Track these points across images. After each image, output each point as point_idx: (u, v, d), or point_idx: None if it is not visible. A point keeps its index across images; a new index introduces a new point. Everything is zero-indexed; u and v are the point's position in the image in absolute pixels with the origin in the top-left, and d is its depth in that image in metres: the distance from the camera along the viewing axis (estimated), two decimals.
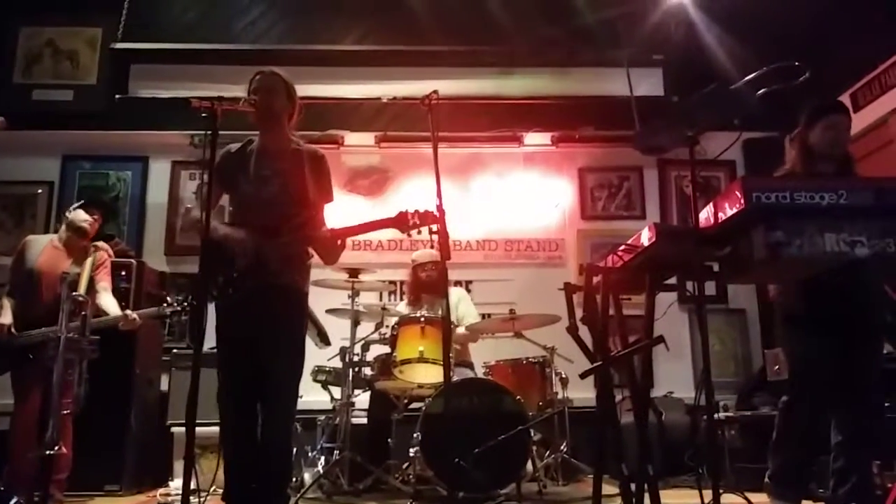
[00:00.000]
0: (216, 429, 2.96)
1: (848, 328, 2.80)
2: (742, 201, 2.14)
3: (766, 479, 2.95)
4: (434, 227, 2.62)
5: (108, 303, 3.83)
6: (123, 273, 4.65)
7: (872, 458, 2.95)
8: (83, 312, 3.21)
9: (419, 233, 2.68)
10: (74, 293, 3.15)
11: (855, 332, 2.82)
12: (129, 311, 3.77)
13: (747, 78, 2.34)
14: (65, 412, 3.00)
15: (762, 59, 2.46)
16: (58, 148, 5.89)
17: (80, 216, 3.96)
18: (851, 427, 2.85)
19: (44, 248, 3.92)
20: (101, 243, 4.19)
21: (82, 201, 4.10)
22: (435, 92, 2.64)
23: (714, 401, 3.70)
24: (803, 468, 3.00)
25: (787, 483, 2.92)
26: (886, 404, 3.50)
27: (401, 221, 2.67)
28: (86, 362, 3.17)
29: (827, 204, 2.12)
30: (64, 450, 2.98)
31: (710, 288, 5.75)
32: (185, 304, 3.55)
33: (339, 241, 2.87)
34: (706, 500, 2.20)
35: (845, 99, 5.23)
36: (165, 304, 3.65)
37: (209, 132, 2.37)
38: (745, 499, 2.60)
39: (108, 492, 4.19)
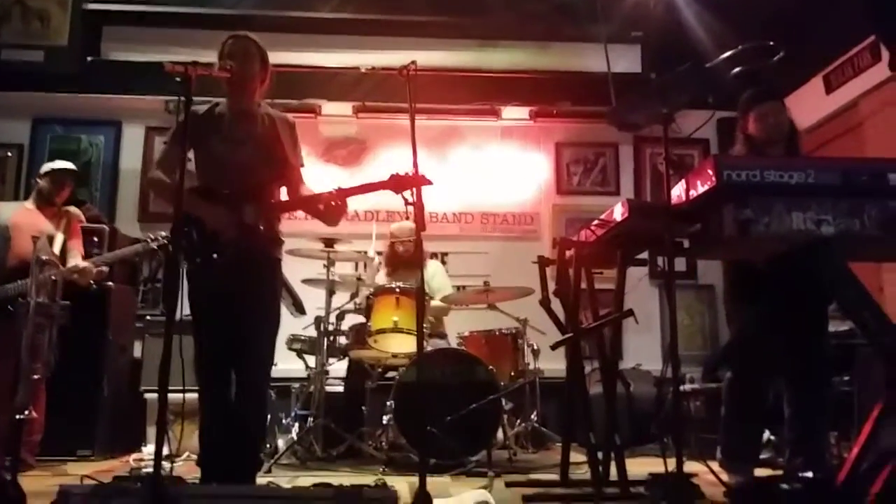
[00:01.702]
0: (190, 395, 2.96)
1: (791, 305, 2.87)
2: (714, 179, 2.19)
3: (719, 455, 3.05)
4: (411, 197, 2.63)
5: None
6: (96, 239, 4.59)
7: (826, 429, 3.06)
8: (53, 277, 3.18)
9: (412, 194, 2.68)
10: (43, 255, 3.11)
11: (800, 309, 2.89)
12: (82, 263, 3.72)
13: (721, 57, 2.38)
14: (35, 377, 2.98)
15: (739, 37, 2.49)
16: (28, 110, 5.78)
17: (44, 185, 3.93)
18: (801, 400, 2.96)
19: (15, 210, 3.89)
20: (72, 208, 4.15)
21: (50, 168, 4.05)
22: (413, 63, 2.62)
23: (681, 373, 3.81)
24: (752, 441, 3.11)
25: (738, 456, 3.02)
26: (846, 378, 3.63)
27: (394, 183, 2.67)
28: (56, 327, 3.14)
29: (795, 183, 2.18)
30: (34, 414, 2.97)
31: (681, 264, 5.90)
32: (167, 237, 3.50)
33: (339, 203, 2.85)
34: (669, 468, 2.28)
35: (818, 81, 5.31)
36: (149, 240, 3.60)
37: (183, 97, 2.34)
38: (707, 466, 2.69)
39: (81, 457, 4.19)
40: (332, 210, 2.84)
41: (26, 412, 2.83)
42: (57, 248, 3.56)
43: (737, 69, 2.41)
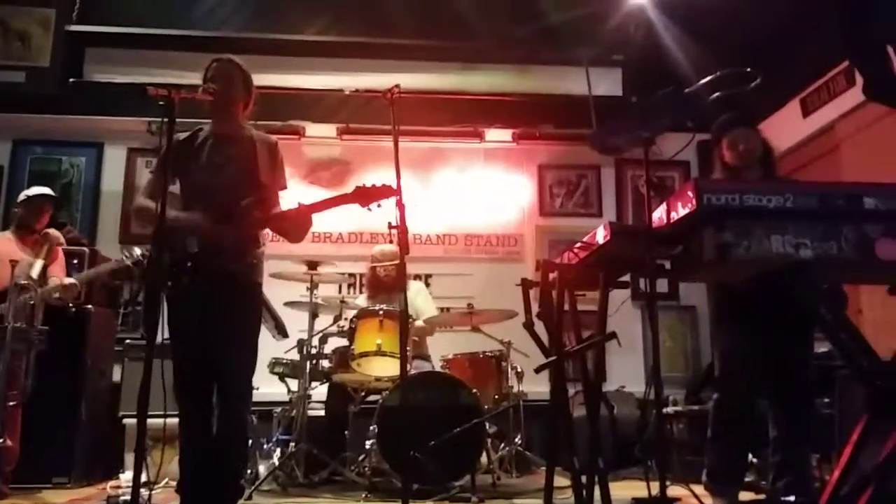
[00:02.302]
0: (169, 420, 2.92)
1: (775, 327, 2.89)
2: (694, 202, 2.20)
3: (704, 477, 3.05)
4: (394, 221, 2.62)
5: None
6: (76, 261, 4.54)
7: (810, 452, 3.07)
8: (31, 301, 3.14)
9: (379, 206, 2.68)
10: (21, 280, 3.07)
11: (783, 331, 2.91)
12: (65, 279, 3.69)
13: (701, 82, 2.41)
14: (11, 403, 2.93)
15: (718, 61, 2.54)
16: (8, 132, 5.74)
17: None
18: (786, 423, 2.97)
19: None
20: (52, 231, 4.11)
21: (26, 195, 4.02)
22: (397, 86, 2.65)
23: (664, 395, 3.80)
24: (737, 463, 3.10)
25: (723, 479, 3.02)
26: (827, 400, 3.65)
27: (359, 196, 2.67)
28: (34, 352, 3.09)
29: (774, 207, 2.19)
30: (9, 442, 2.91)
31: (663, 285, 5.89)
32: (143, 255, 3.49)
33: (302, 219, 2.84)
34: (653, 492, 2.27)
35: (795, 104, 5.39)
36: (125, 257, 3.58)
37: (166, 120, 2.33)
38: (690, 490, 2.69)
39: (57, 484, 4.09)
40: (296, 225, 2.83)
41: (1, 440, 2.77)
42: (35, 273, 3.51)
43: (716, 94, 2.44)
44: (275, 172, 2.92)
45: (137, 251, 3.58)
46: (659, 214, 2.43)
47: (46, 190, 4.08)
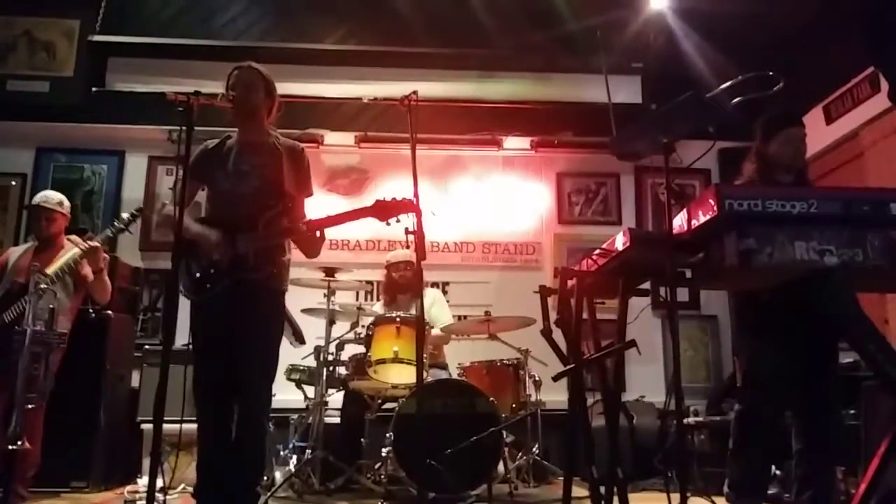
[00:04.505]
0: (187, 426, 2.93)
1: (800, 337, 2.84)
2: (715, 208, 2.17)
3: (726, 489, 2.99)
4: (411, 226, 2.62)
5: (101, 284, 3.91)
6: None
7: (834, 465, 3.00)
8: (51, 306, 3.16)
9: (398, 221, 2.67)
10: (39, 284, 3.10)
11: (808, 341, 2.86)
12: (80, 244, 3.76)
13: (722, 87, 2.38)
14: (30, 406, 2.94)
15: (740, 68, 2.51)
16: (32, 140, 5.80)
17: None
18: (810, 434, 2.91)
19: (20, 253, 3.95)
20: (73, 237, 4.15)
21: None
22: (414, 93, 2.64)
23: (684, 406, 3.75)
24: (760, 476, 3.04)
25: (746, 491, 2.96)
26: (853, 411, 3.58)
27: (378, 210, 2.66)
28: (52, 356, 3.12)
29: (798, 213, 2.16)
30: (28, 445, 2.92)
31: (684, 294, 5.87)
32: (136, 213, 3.54)
33: (318, 234, 2.85)
34: None
35: (818, 111, 5.33)
36: (117, 221, 3.66)
37: (184, 126, 2.35)
38: (712, 502, 2.64)
39: (75, 488, 4.12)
40: (309, 241, 2.83)
41: (19, 443, 2.79)
42: (51, 270, 3.57)
43: (737, 99, 2.41)
44: (300, 180, 2.92)
45: (125, 215, 3.59)
46: (679, 222, 2.40)
47: (38, 198, 4.06)
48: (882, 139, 4.74)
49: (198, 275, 2.77)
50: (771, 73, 2.38)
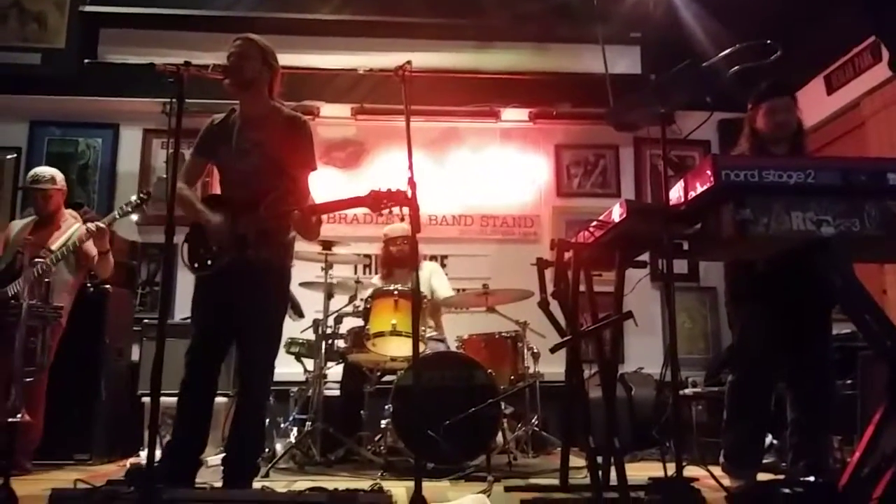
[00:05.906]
0: None
1: (793, 307, 2.84)
2: (712, 179, 2.16)
3: (721, 458, 3.02)
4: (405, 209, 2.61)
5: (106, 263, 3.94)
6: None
7: (828, 433, 3.02)
8: (46, 280, 3.16)
9: (390, 212, 2.66)
10: (37, 259, 3.10)
11: (802, 311, 2.86)
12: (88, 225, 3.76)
13: (719, 56, 2.35)
14: (28, 379, 2.96)
15: (739, 38, 2.46)
16: (25, 113, 5.76)
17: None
18: (804, 404, 2.93)
19: (20, 227, 3.99)
20: (70, 211, 4.14)
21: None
22: (408, 62, 2.60)
23: (682, 377, 3.77)
24: (755, 445, 3.06)
25: (741, 460, 2.99)
26: (849, 381, 3.60)
27: (372, 200, 2.64)
28: (49, 329, 3.12)
29: (795, 183, 2.15)
30: (27, 417, 2.94)
31: (683, 266, 5.87)
32: (144, 196, 3.54)
33: (314, 218, 2.83)
34: (670, 473, 2.25)
35: (819, 81, 5.28)
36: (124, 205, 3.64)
37: (175, 98, 2.32)
38: (708, 471, 2.66)
39: (78, 461, 4.16)
40: (306, 226, 2.82)
41: (19, 415, 2.81)
42: (55, 246, 3.58)
43: (735, 68, 2.38)
44: (303, 154, 2.88)
45: (134, 198, 3.59)
46: (676, 193, 2.39)
47: (30, 177, 4.06)
48: (883, 109, 4.71)
49: (201, 250, 2.77)
50: (769, 42, 2.34)
